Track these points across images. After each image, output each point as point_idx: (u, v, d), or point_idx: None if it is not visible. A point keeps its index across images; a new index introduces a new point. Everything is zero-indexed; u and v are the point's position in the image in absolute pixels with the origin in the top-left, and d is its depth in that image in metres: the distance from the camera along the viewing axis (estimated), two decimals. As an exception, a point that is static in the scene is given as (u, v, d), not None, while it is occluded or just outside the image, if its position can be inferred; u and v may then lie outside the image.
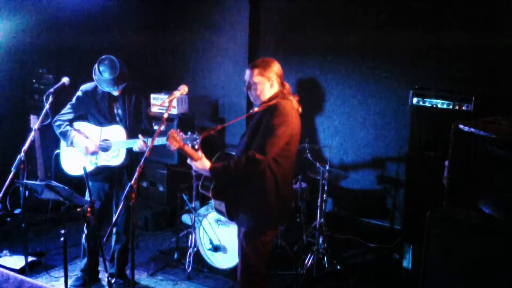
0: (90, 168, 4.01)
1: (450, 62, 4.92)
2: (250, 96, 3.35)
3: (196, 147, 3.20)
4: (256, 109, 3.28)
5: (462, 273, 2.52)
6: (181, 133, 3.19)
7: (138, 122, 4.13)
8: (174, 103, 5.58)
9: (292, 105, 3.27)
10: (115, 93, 4.00)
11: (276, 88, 3.27)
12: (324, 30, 5.57)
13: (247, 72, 3.28)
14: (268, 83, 3.23)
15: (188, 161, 3.27)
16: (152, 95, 5.75)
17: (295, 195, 4.84)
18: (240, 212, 3.30)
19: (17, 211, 5.59)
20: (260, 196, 3.21)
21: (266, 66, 3.24)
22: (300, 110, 3.34)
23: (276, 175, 3.20)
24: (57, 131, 4.07)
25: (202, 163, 3.22)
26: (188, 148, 3.21)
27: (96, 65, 3.89)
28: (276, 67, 3.26)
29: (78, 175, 4.03)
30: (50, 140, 5.26)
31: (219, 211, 3.46)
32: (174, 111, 5.73)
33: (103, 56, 3.91)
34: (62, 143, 4.15)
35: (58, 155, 4.26)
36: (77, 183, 3.88)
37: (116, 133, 4.00)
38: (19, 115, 5.78)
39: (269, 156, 3.11)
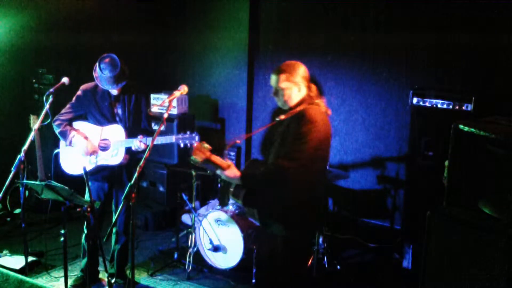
0: (89, 167, 4.01)
1: (450, 62, 4.92)
2: (277, 102, 3.26)
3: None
4: (282, 116, 3.20)
5: (461, 273, 2.51)
6: (206, 145, 3.15)
7: (138, 122, 4.13)
8: (174, 103, 5.60)
9: (320, 109, 3.18)
10: (115, 91, 4.00)
11: (303, 92, 3.20)
12: (324, 30, 5.57)
13: (273, 77, 3.19)
14: (295, 88, 3.16)
15: (218, 172, 3.20)
16: (152, 95, 5.76)
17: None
18: (273, 221, 3.24)
19: (17, 211, 5.59)
20: (291, 204, 3.14)
21: (292, 71, 3.16)
22: (329, 112, 3.27)
23: (306, 181, 3.13)
24: (57, 131, 4.07)
25: (232, 172, 3.16)
26: (216, 158, 3.14)
27: (97, 63, 3.90)
28: (302, 70, 3.19)
29: (78, 175, 4.03)
30: (50, 140, 5.28)
31: (251, 216, 3.41)
32: (174, 111, 5.73)
33: (104, 54, 3.93)
34: (62, 143, 4.15)
35: (57, 155, 4.26)
36: (76, 183, 3.88)
37: (115, 132, 4.00)
38: (19, 115, 5.78)
39: (297, 164, 3.03)
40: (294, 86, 3.17)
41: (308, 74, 3.24)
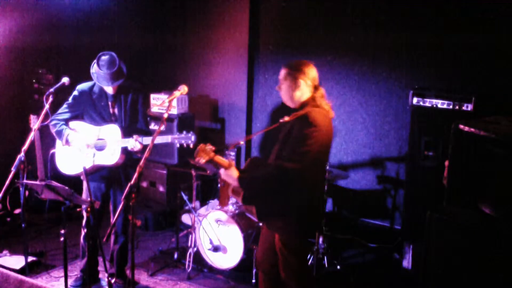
0: (87, 166, 4.01)
1: (450, 62, 4.92)
2: (282, 97, 3.29)
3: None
4: (286, 118, 3.20)
5: (462, 273, 2.51)
6: (210, 146, 3.15)
7: (134, 122, 4.13)
8: (174, 103, 5.59)
9: (324, 113, 3.17)
10: (110, 89, 4.00)
11: (307, 92, 3.19)
12: (324, 30, 5.57)
13: (281, 71, 3.22)
14: (295, 86, 3.16)
15: (221, 171, 3.22)
16: (152, 95, 5.76)
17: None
18: (271, 219, 3.26)
19: (17, 211, 5.59)
20: (290, 204, 3.15)
21: (297, 68, 3.16)
22: (333, 115, 3.26)
23: (306, 183, 3.14)
24: (53, 130, 4.07)
25: (231, 172, 3.16)
26: (218, 158, 3.16)
27: (95, 60, 3.91)
28: (308, 69, 3.18)
29: (74, 175, 4.03)
30: (50, 140, 5.28)
31: (249, 212, 3.41)
32: (174, 111, 5.72)
33: (104, 52, 3.94)
34: (58, 143, 4.15)
35: (53, 155, 4.25)
36: (72, 183, 3.86)
37: (112, 132, 4.00)
38: (19, 115, 5.78)
39: (298, 166, 3.03)
40: (294, 84, 3.17)
41: (316, 75, 3.23)
